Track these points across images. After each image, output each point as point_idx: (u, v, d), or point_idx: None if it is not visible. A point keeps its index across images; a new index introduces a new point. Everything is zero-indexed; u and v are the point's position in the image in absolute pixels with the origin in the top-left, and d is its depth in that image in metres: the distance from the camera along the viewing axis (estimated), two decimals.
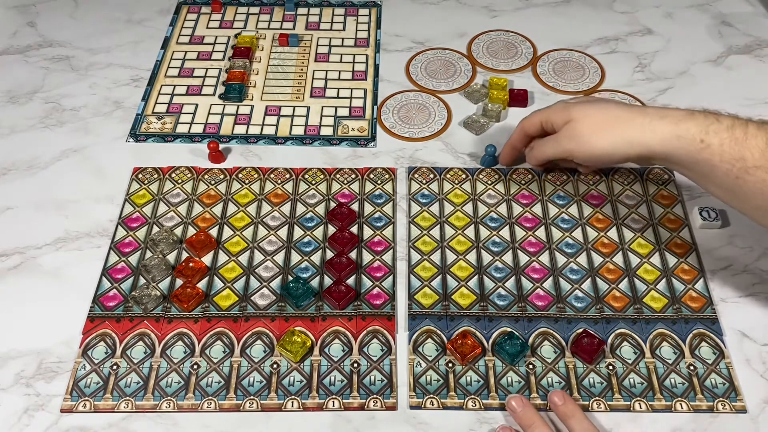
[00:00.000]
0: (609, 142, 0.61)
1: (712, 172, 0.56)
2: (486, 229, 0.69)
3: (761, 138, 0.54)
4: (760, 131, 0.54)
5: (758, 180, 0.53)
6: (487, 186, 0.73)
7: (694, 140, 0.56)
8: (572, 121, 0.63)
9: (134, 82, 0.86)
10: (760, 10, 0.97)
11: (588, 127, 0.62)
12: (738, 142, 0.54)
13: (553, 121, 0.65)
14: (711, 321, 0.62)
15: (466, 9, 0.97)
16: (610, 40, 0.92)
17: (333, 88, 0.85)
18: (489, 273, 0.66)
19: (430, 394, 0.58)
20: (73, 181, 0.74)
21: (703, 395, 0.58)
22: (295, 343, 0.59)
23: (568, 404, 0.56)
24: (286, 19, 0.95)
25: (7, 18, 0.95)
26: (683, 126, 0.57)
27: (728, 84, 0.85)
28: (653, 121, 0.58)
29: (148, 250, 0.67)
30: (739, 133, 0.54)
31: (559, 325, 0.62)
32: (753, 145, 0.53)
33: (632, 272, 0.66)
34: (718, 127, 0.55)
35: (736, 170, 0.54)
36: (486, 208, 0.71)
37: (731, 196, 0.57)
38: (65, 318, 0.62)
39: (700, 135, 0.56)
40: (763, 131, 0.54)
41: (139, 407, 0.57)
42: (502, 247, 0.68)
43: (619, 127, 0.60)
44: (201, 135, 0.79)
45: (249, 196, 0.72)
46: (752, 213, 0.57)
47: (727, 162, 0.55)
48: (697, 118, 0.57)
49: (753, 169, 0.53)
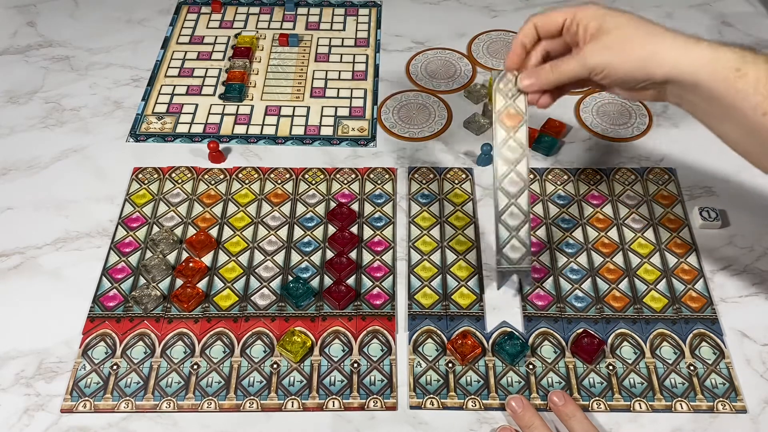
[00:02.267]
0: (640, 58, 0.55)
1: (739, 105, 0.52)
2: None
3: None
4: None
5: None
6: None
7: (730, 67, 0.52)
8: (604, 32, 0.55)
9: (134, 82, 0.86)
10: (760, 10, 0.97)
11: (619, 40, 0.55)
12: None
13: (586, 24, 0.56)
14: (711, 321, 0.62)
15: (466, 9, 0.97)
16: None
17: (333, 88, 0.85)
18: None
19: (430, 394, 0.58)
20: (73, 181, 0.74)
21: (703, 395, 0.58)
22: (295, 343, 0.59)
23: (568, 404, 0.56)
24: (286, 19, 0.95)
25: (7, 18, 0.95)
26: (721, 51, 0.53)
27: None
28: (689, 42, 0.54)
29: (148, 250, 0.67)
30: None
31: (559, 325, 0.62)
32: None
33: (632, 272, 0.66)
34: (755, 59, 0.52)
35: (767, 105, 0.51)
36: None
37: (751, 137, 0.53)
38: (65, 318, 0.62)
39: (737, 63, 0.52)
40: None
41: (139, 407, 0.57)
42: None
43: (653, 42, 0.54)
44: (201, 135, 0.79)
45: (249, 196, 0.72)
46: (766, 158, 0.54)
47: (760, 94, 0.51)
48: (734, 48, 0.53)
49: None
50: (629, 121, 0.80)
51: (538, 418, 0.55)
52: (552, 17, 0.58)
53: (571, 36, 0.57)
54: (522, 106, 0.60)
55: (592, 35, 0.56)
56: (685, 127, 0.79)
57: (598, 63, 0.56)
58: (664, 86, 0.55)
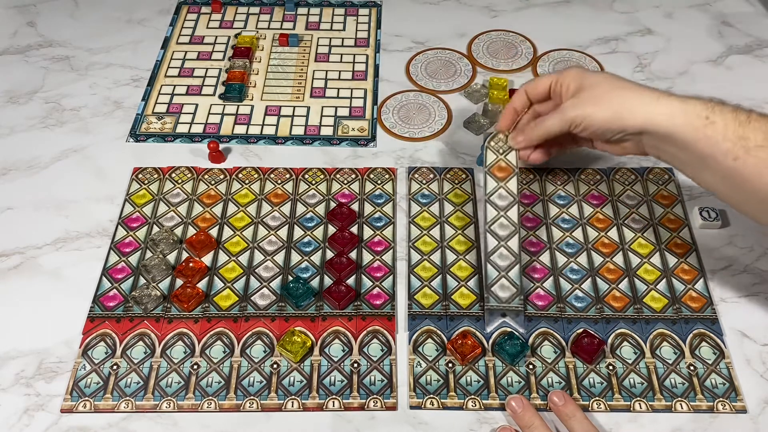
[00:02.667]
0: (613, 110, 0.60)
1: (712, 151, 0.55)
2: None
3: (764, 122, 0.54)
4: (762, 118, 0.55)
5: (759, 161, 0.53)
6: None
7: (699, 116, 0.56)
8: (583, 89, 0.61)
9: (134, 82, 0.86)
10: (760, 10, 0.97)
11: (595, 95, 0.61)
12: (741, 123, 0.54)
13: (567, 84, 0.63)
14: (711, 321, 0.62)
15: (466, 9, 0.97)
16: (610, 40, 0.92)
17: (333, 88, 0.85)
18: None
19: (430, 394, 0.58)
20: (73, 181, 0.74)
21: (703, 395, 0.58)
22: (295, 343, 0.59)
23: (568, 404, 0.56)
24: (286, 19, 0.95)
25: (7, 18, 0.95)
26: (690, 103, 0.57)
27: (728, 84, 0.85)
28: (660, 95, 0.58)
29: (148, 250, 0.67)
30: (742, 117, 0.55)
31: (559, 325, 0.62)
32: (756, 128, 0.54)
33: (632, 272, 0.66)
34: (723, 108, 0.56)
35: (737, 149, 0.54)
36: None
37: (726, 182, 0.56)
38: (65, 318, 0.62)
39: (706, 112, 0.56)
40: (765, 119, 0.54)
41: (139, 407, 0.57)
42: None
43: (626, 95, 0.59)
44: (201, 135, 0.79)
45: (249, 196, 0.72)
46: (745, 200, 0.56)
47: (729, 140, 0.54)
48: (702, 98, 0.57)
49: (755, 149, 0.53)
50: None
51: (538, 418, 0.55)
52: (539, 83, 0.65)
53: (557, 96, 0.64)
54: (513, 160, 0.66)
55: (573, 93, 0.62)
56: None
57: (576, 115, 0.61)
58: (640, 137, 0.60)
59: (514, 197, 0.65)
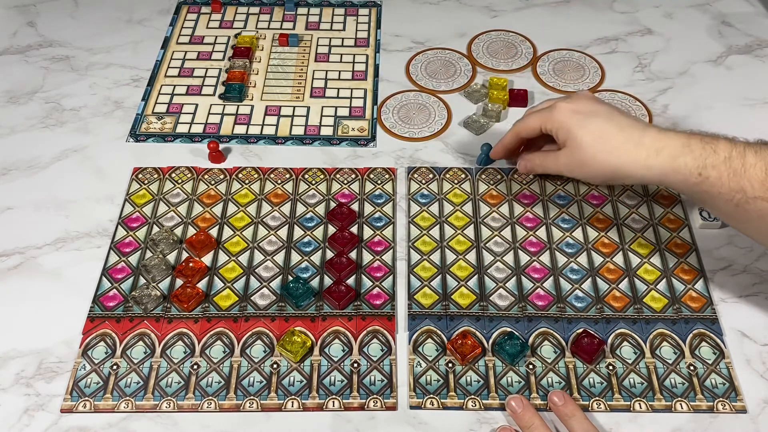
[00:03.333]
0: (604, 175, 0.61)
1: (711, 200, 0.56)
2: (486, 229, 0.69)
3: (759, 167, 0.53)
4: (758, 158, 0.53)
5: (758, 209, 0.53)
6: (489, 186, 0.73)
7: (691, 174, 0.55)
8: (572, 144, 0.61)
9: (134, 82, 0.86)
10: (760, 10, 0.97)
11: (583, 158, 0.61)
12: (736, 173, 0.53)
13: (555, 131, 0.63)
14: (711, 321, 0.62)
15: (466, 9, 0.97)
16: (610, 40, 0.92)
17: (333, 88, 0.85)
18: (489, 273, 0.66)
19: (430, 394, 0.58)
20: (73, 181, 0.74)
21: (703, 395, 0.58)
22: (295, 343, 0.59)
23: (568, 404, 0.56)
24: (286, 19, 0.95)
25: (7, 18, 0.95)
26: (680, 161, 0.56)
27: (728, 84, 0.85)
28: (650, 156, 0.57)
29: (148, 250, 0.67)
30: (737, 165, 0.54)
31: (559, 325, 0.62)
32: (752, 176, 0.53)
33: (632, 272, 0.66)
34: (715, 160, 0.54)
35: (736, 200, 0.54)
36: (487, 208, 0.71)
37: (732, 220, 0.58)
38: (65, 318, 0.62)
39: (698, 169, 0.55)
40: (760, 158, 0.53)
41: (139, 407, 0.57)
42: (503, 247, 0.68)
43: (614, 160, 0.59)
44: (201, 135, 0.79)
45: (249, 196, 0.72)
46: (753, 235, 0.57)
47: (726, 194, 0.54)
48: (694, 150, 0.56)
49: (753, 200, 0.53)
50: None
51: (538, 417, 0.55)
52: (529, 123, 0.66)
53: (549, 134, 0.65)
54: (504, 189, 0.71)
55: (564, 143, 0.62)
56: (685, 127, 0.79)
57: (574, 175, 0.65)
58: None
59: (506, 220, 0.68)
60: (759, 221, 0.54)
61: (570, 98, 0.64)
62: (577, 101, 0.63)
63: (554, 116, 0.63)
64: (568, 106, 0.62)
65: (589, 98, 0.64)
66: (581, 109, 0.62)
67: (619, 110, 0.62)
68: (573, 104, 0.63)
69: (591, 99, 0.64)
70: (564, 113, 0.62)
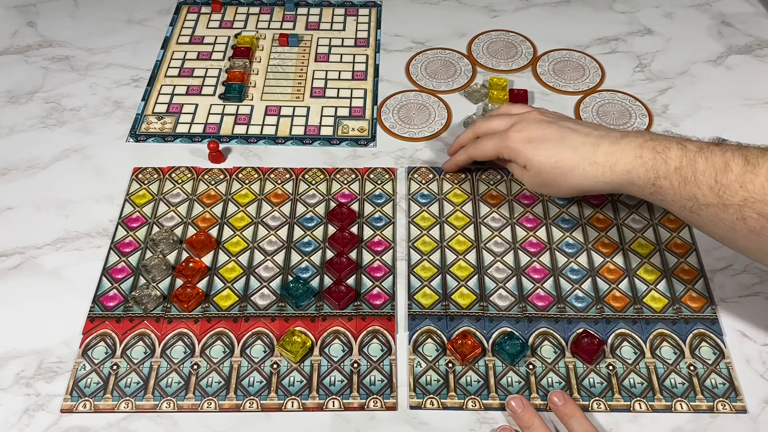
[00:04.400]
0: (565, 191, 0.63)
1: (668, 207, 0.58)
2: (486, 229, 0.69)
3: (709, 174, 0.53)
4: (708, 165, 0.53)
5: (710, 215, 0.54)
6: (489, 186, 0.73)
7: (645, 185, 0.57)
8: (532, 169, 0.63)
9: (134, 82, 0.86)
10: (760, 10, 0.97)
11: (544, 180, 0.63)
12: (687, 182, 0.54)
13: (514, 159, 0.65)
14: (711, 321, 0.62)
15: (466, 9, 0.97)
16: (610, 40, 0.92)
17: (333, 88, 0.85)
18: (489, 273, 0.66)
19: (430, 394, 0.58)
20: (73, 181, 0.74)
21: (703, 395, 0.58)
22: (295, 343, 0.59)
23: (567, 404, 0.56)
24: (286, 19, 0.95)
25: (7, 18, 0.95)
26: (634, 174, 0.57)
27: (728, 84, 0.85)
28: (605, 173, 0.59)
29: (148, 250, 0.67)
30: (687, 173, 0.54)
31: (559, 325, 0.62)
32: (702, 182, 0.54)
33: (632, 272, 0.66)
34: (666, 170, 0.55)
35: (689, 207, 0.55)
36: (487, 208, 0.71)
37: (690, 223, 0.60)
38: (65, 318, 0.62)
39: (650, 180, 0.57)
40: (710, 165, 0.53)
41: (139, 407, 0.57)
42: (503, 248, 0.68)
43: (575, 179, 0.61)
44: (201, 135, 0.79)
45: (249, 196, 0.72)
46: (711, 237, 0.58)
47: (678, 202, 0.56)
48: (646, 162, 0.57)
49: (704, 207, 0.54)
50: (629, 121, 0.80)
51: (537, 418, 0.55)
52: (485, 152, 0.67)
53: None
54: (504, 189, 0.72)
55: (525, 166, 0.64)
56: (686, 127, 0.79)
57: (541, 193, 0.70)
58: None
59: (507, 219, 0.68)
60: (713, 226, 0.55)
61: (521, 123, 0.65)
62: (528, 128, 0.64)
63: (509, 146, 0.65)
64: (520, 136, 0.64)
65: (537, 122, 0.65)
66: (533, 136, 0.64)
67: (570, 126, 0.63)
68: (524, 132, 0.64)
69: (541, 122, 0.64)
70: (518, 143, 0.64)
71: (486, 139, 0.67)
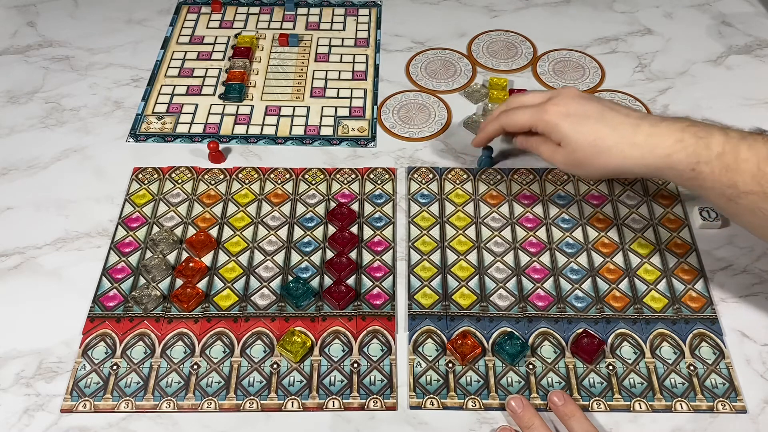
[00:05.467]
0: (601, 173, 0.61)
1: (705, 194, 0.57)
2: (486, 229, 0.69)
3: (752, 162, 0.53)
4: (751, 153, 0.53)
5: (750, 203, 0.54)
6: (489, 186, 0.73)
7: (685, 170, 0.56)
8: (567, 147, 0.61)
9: (134, 82, 0.86)
10: (760, 10, 0.97)
11: (578, 159, 0.61)
12: (729, 169, 0.54)
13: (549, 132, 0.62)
14: (711, 321, 0.62)
15: (466, 9, 0.97)
16: (610, 40, 0.92)
17: (333, 88, 0.84)
18: (489, 273, 0.66)
19: (430, 394, 0.58)
20: (73, 181, 0.74)
21: (703, 395, 0.58)
22: (295, 343, 0.59)
23: (567, 404, 0.56)
24: (286, 19, 0.95)
25: (7, 18, 0.95)
26: (674, 158, 0.56)
27: (728, 84, 0.85)
28: (644, 155, 0.57)
29: (148, 250, 0.67)
30: (729, 160, 0.54)
31: (559, 325, 0.62)
32: (744, 171, 0.53)
33: (632, 272, 0.66)
34: (707, 156, 0.54)
35: (728, 195, 0.54)
36: (487, 208, 0.71)
37: (725, 212, 0.58)
38: (65, 318, 0.62)
39: (691, 165, 0.55)
40: (753, 153, 0.53)
41: (139, 407, 0.57)
42: (503, 248, 0.68)
43: (608, 160, 0.59)
44: (201, 135, 0.79)
45: (249, 196, 0.72)
46: (746, 227, 0.58)
47: (718, 188, 0.55)
48: (687, 146, 0.55)
49: (744, 195, 0.53)
50: None
51: (537, 417, 0.55)
52: (518, 119, 0.65)
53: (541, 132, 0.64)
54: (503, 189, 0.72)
55: (558, 143, 0.62)
56: None
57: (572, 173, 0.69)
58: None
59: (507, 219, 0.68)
60: (751, 215, 0.54)
61: (558, 97, 0.63)
62: (566, 102, 0.62)
63: (546, 119, 0.62)
64: (558, 109, 0.62)
65: (578, 97, 0.62)
66: (572, 111, 0.61)
67: (609, 105, 0.61)
68: (564, 107, 0.62)
69: (580, 98, 0.62)
70: (555, 116, 0.61)
71: (521, 110, 0.65)
